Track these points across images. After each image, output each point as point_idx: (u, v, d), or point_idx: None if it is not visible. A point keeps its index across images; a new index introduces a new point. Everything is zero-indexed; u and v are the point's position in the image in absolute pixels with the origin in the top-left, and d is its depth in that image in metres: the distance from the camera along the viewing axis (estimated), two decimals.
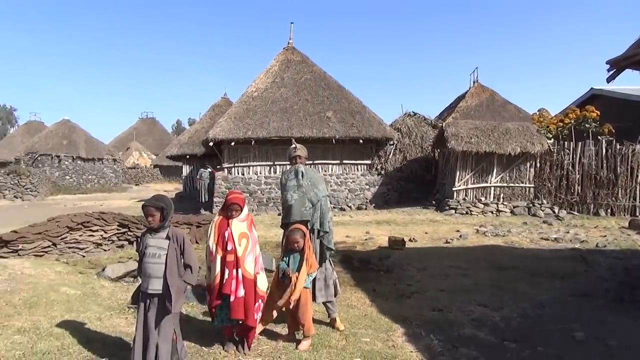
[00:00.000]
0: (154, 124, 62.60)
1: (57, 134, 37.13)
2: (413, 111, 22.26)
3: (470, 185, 16.25)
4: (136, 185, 42.28)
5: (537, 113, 20.51)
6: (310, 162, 16.72)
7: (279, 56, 21.44)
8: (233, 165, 18.80)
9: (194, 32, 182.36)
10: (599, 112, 16.02)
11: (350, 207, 18.35)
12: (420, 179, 19.78)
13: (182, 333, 3.69)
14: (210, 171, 19.51)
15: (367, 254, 9.00)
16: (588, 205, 15.29)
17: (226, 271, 3.92)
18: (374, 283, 6.83)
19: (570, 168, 15.55)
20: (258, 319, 4.08)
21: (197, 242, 9.62)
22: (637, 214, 14.60)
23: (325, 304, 4.70)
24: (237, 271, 3.94)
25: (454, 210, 15.73)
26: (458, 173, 16.26)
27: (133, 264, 6.89)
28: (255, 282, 4.05)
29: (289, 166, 4.91)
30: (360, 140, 18.45)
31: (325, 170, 18.71)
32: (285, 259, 4.29)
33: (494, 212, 15.49)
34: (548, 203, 15.47)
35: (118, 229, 9.09)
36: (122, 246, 9.17)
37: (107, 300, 5.58)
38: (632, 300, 5.70)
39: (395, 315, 5.23)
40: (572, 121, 16.44)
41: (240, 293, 3.92)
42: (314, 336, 4.34)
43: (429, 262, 8.25)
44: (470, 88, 28.24)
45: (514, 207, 15.55)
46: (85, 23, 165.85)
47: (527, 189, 15.99)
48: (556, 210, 15.05)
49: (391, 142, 19.68)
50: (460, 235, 11.23)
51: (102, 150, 38.72)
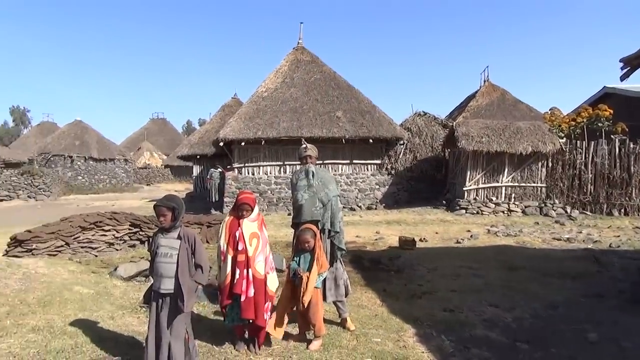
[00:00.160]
0: (165, 125, 63.00)
1: (70, 134, 37.57)
2: (423, 111, 22.20)
3: (481, 185, 16.15)
4: (147, 185, 42.60)
5: (549, 112, 20.33)
6: (320, 162, 16.72)
7: (289, 56, 21.48)
8: (243, 165, 18.87)
9: (205, 33, 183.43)
10: (612, 111, 15.83)
11: (360, 207, 18.33)
12: (430, 179, 19.71)
13: (194, 332, 3.71)
14: (220, 171, 19.60)
15: (378, 254, 8.98)
16: (601, 205, 15.13)
17: (237, 271, 3.94)
18: (385, 283, 6.81)
19: (582, 167, 15.40)
20: (268, 319, 4.09)
21: (208, 242, 9.66)
22: None
23: (335, 304, 4.70)
24: (248, 271, 3.95)
25: (464, 210, 15.64)
26: (469, 173, 16.17)
27: (145, 264, 6.95)
28: (266, 282, 4.06)
29: (299, 166, 4.92)
30: (370, 140, 18.43)
31: (335, 170, 18.71)
32: (295, 258, 4.29)
33: (505, 212, 15.39)
34: (560, 203, 15.33)
35: (130, 229, 9.15)
36: (134, 246, 9.23)
37: (120, 300, 5.62)
38: None
39: (406, 315, 5.22)
40: (585, 120, 16.26)
41: (251, 293, 3.94)
42: (325, 336, 4.34)
43: (440, 262, 8.21)
44: (480, 87, 28.07)
45: (525, 207, 15.43)
46: (98, 25, 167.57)
47: (539, 188, 15.85)
48: (568, 210, 14.91)
49: (401, 142, 19.63)
50: (471, 235, 11.17)
51: (114, 150, 39.08)
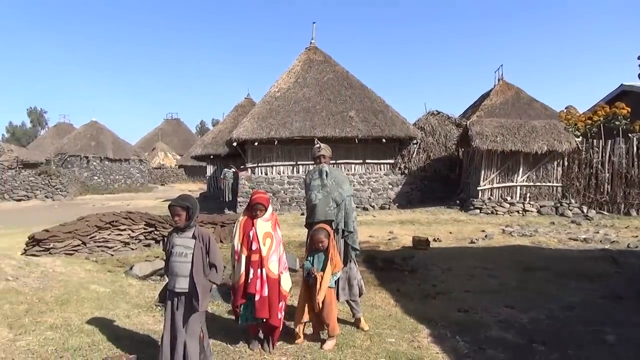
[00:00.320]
0: (179, 125, 63.52)
1: (86, 135, 38.09)
2: (437, 110, 22.11)
3: (495, 185, 16.01)
4: (162, 185, 42.99)
5: (565, 111, 20.05)
6: (333, 162, 16.70)
7: (302, 56, 21.51)
8: (256, 165, 18.94)
9: (217, 34, 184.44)
10: (629, 109, 15.56)
11: (373, 207, 18.29)
12: (444, 179, 19.60)
13: (208, 331, 3.74)
14: (234, 171, 19.70)
15: (391, 254, 8.95)
16: (618, 204, 14.90)
17: (251, 270, 3.96)
18: (398, 283, 6.78)
19: (599, 167, 15.17)
20: (282, 318, 4.10)
21: (222, 242, 9.72)
22: None
23: (349, 304, 4.70)
24: (262, 270, 3.97)
25: (478, 210, 15.52)
26: (483, 172, 16.03)
27: (160, 263, 7.01)
28: (279, 282, 4.08)
29: (312, 166, 4.92)
30: (383, 140, 18.37)
31: (348, 170, 18.69)
32: (309, 258, 4.30)
33: (520, 212, 15.22)
34: (576, 202, 15.13)
35: (145, 228, 9.25)
36: (149, 245, 9.32)
37: (135, 298, 5.69)
38: None
39: (420, 315, 5.19)
40: (601, 118, 16.00)
41: (265, 292, 3.96)
42: (339, 336, 4.34)
43: (454, 263, 8.15)
44: (495, 86, 27.82)
45: (540, 207, 15.25)
46: (113, 27, 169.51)
47: (555, 188, 15.66)
48: (585, 210, 14.70)
49: (414, 141, 19.54)
50: (485, 235, 11.07)
51: (129, 151, 39.53)
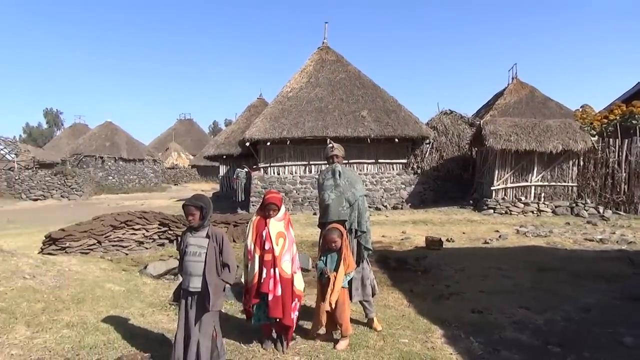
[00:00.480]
0: (192, 125, 63.91)
1: (100, 135, 38.56)
2: (449, 109, 22.00)
3: (509, 185, 15.87)
4: (175, 185, 43.31)
5: (580, 109, 19.82)
6: (346, 162, 16.70)
7: (314, 56, 21.52)
8: (269, 165, 19.00)
9: (230, 35, 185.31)
10: None
11: (385, 207, 18.24)
12: (457, 178, 19.49)
13: (221, 330, 3.75)
14: (246, 171, 19.78)
15: (404, 254, 8.91)
16: (635, 204, 14.66)
17: (264, 270, 3.97)
18: (411, 283, 6.75)
19: (616, 166, 14.95)
20: (295, 317, 4.11)
21: (235, 241, 9.76)
22: None
23: (362, 304, 4.69)
24: (275, 270, 3.97)
25: (492, 210, 15.39)
26: (497, 172, 15.90)
27: (174, 262, 7.07)
28: (292, 282, 4.08)
29: (325, 166, 4.92)
30: (396, 139, 18.31)
31: (360, 170, 18.66)
32: (322, 258, 4.30)
33: (535, 212, 15.07)
34: (592, 203, 14.93)
35: (159, 228, 9.32)
36: (163, 244, 9.39)
37: (150, 297, 5.74)
38: None
39: (433, 316, 5.16)
40: (618, 117, 15.75)
41: (278, 292, 3.96)
42: (352, 336, 4.33)
43: (467, 263, 8.10)
44: (508, 85, 27.56)
45: (555, 207, 15.07)
46: (127, 30, 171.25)
47: (570, 188, 15.47)
48: (601, 210, 14.49)
49: (427, 141, 19.46)
50: (499, 236, 10.98)
51: (143, 151, 39.90)
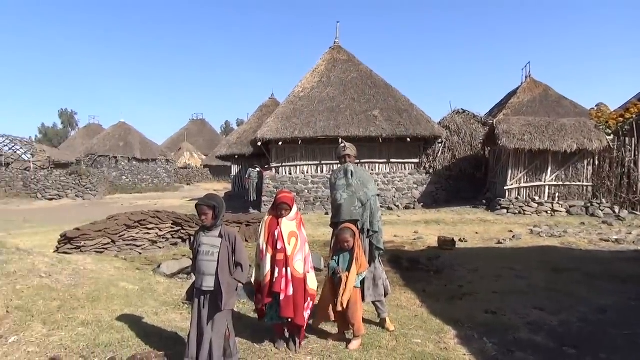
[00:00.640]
0: (204, 125, 64.26)
1: (114, 136, 38.97)
2: (462, 108, 21.84)
3: (523, 184, 15.72)
4: (187, 184, 43.57)
5: (595, 108, 19.54)
6: (358, 162, 16.64)
7: (325, 55, 21.51)
8: (281, 164, 19.03)
9: (242, 35, 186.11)
10: None
11: (397, 207, 18.17)
12: (470, 178, 19.35)
13: (234, 329, 3.77)
14: (258, 171, 19.83)
15: (416, 254, 8.88)
16: None
17: (276, 270, 3.97)
18: (424, 283, 6.72)
19: (632, 165, 14.74)
20: (307, 317, 4.11)
21: (247, 241, 9.79)
22: None
23: (375, 304, 4.68)
24: (287, 270, 3.98)
25: (505, 210, 15.25)
26: (510, 171, 15.76)
27: (187, 261, 7.12)
28: (305, 281, 4.08)
29: (336, 165, 4.91)
30: (408, 139, 18.23)
31: (372, 169, 18.61)
32: (335, 258, 4.29)
33: (549, 212, 14.91)
34: (608, 202, 14.73)
35: (172, 227, 9.39)
36: (176, 244, 9.46)
37: (163, 296, 5.78)
38: None
39: (446, 316, 5.14)
40: (634, 116, 15.51)
41: (290, 291, 3.96)
42: (364, 336, 4.32)
43: (481, 263, 8.04)
44: (522, 83, 27.31)
45: (570, 207, 14.89)
46: (140, 31, 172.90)
47: (585, 187, 15.28)
48: (617, 210, 14.28)
49: (439, 140, 19.35)
50: (513, 236, 10.88)
51: (156, 151, 40.23)
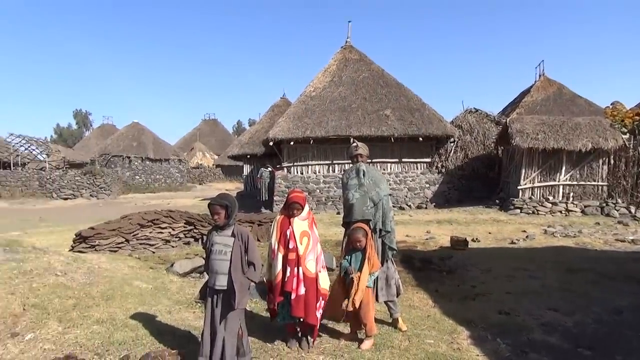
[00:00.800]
0: (216, 125, 64.57)
1: (128, 136, 39.38)
2: (474, 107, 21.73)
3: (536, 184, 15.56)
4: (200, 184, 43.85)
5: (610, 106, 19.27)
6: (369, 161, 16.59)
7: (337, 55, 21.49)
8: (292, 164, 19.06)
9: (254, 35, 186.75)
10: None
11: (409, 206, 18.10)
12: (482, 178, 19.21)
13: (247, 329, 3.78)
14: (270, 170, 19.89)
15: (429, 254, 8.83)
16: None
17: (287, 269, 3.98)
18: (436, 283, 6.69)
19: None
20: (320, 317, 4.11)
21: (259, 240, 9.82)
22: None
23: (387, 304, 4.67)
24: (298, 269, 3.98)
25: (519, 210, 15.13)
26: (523, 171, 15.61)
27: (199, 261, 7.16)
28: (317, 281, 4.08)
29: (348, 165, 4.91)
30: (420, 138, 18.15)
31: (384, 169, 18.56)
32: (347, 257, 4.29)
33: (563, 212, 14.75)
34: (623, 202, 14.53)
35: (185, 227, 9.45)
36: (189, 243, 9.52)
37: (176, 295, 5.83)
38: None
39: (459, 317, 5.11)
40: None
41: (301, 291, 3.96)
42: (376, 336, 4.31)
43: (494, 263, 7.98)
44: (535, 82, 27.04)
45: (585, 207, 14.73)
46: (152, 32, 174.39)
47: (600, 187, 15.09)
48: (633, 210, 14.09)
49: (452, 140, 19.23)
50: (526, 236, 10.78)
51: (169, 151, 40.55)
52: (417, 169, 19.10)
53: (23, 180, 28.45)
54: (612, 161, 14.97)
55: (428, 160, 19.12)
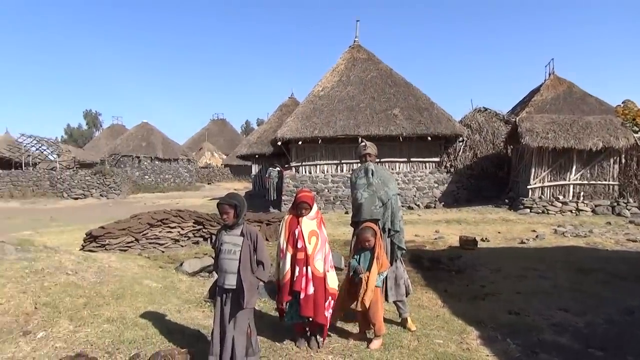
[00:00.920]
0: (224, 125, 64.76)
1: (137, 136, 39.64)
2: (484, 106, 21.63)
3: (546, 183, 15.45)
4: (208, 184, 44.00)
5: (622, 105, 19.06)
6: (378, 160, 16.56)
7: (345, 54, 21.47)
8: (300, 164, 19.07)
9: (262, 35, 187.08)
10: None
11: (418, 206, 18.05)
12: (491, 177, 19.10)
13: (256, 328, 3.79)
14: (278, 170, 19.91)
15: (437, 254, 8.80)
16: None
17: (296, 268, 3.98)
18: (446, 283, 6.67)
19: None
20: (329, 316, 4.10)
21: (267, 240, 9.83)
22: None
23: (396, 304, 4.66)
24: (307, 269, 3.98)
25: (528, 210, 15.02)
26: (533, 170, 15.50)
27: (208, 260, 7.19)
28: (325, 280, 4.07)
29: (356, 164, 4.90)
30: (428, 138, 18.08)
31: (392, 168, 18.50)
32: (355, 257, 4.28)
33: (573, 212, 14.63)
34: (635, 202, 14.38)
35: (194, 226, 9.50)
36: (198, 242, 9.56)
37: (186, 294, 5.85)
38: None
39: (468, 317, 5.08)
40: None
41: (310, 290, 3.96)
42: (385, 336, 4.31)
43: (503, 263, 7.93)
44: (545, 80, 26.85)
45: (595, 206, 14.60)
46: (160, 32, 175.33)
47: (611, 186, 14.94)
48: None
49: (460, 139, 19.15)
50: (536, 236, 10.70)
51: (177, 151, 40.75)
52: (426, 168, 19.04)
53: (34, 180, 28.74)
54: (624, 160, 14.83)
55: (437, 159, 19.04)
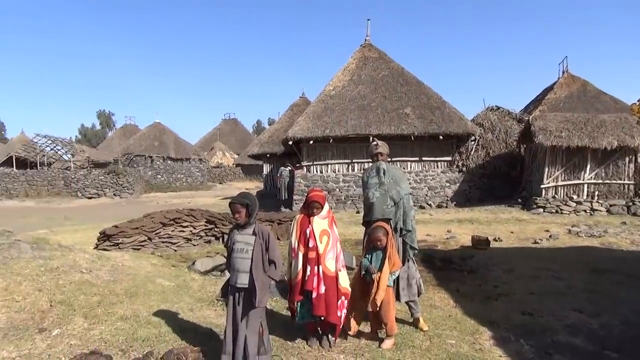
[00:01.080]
0: (236, 125, 65.04)
1: (150, 136, 39.97)
2: (496, 105, 21.43)
3: (560, 183, 15.27)
4: (220, 183, 44.23)
5: (637, 103, 18.79)
6: (389, 160, 16.52)
7: (356, 53, 21.42)
8: (312, 163, 19.08)
9: (273, 34, 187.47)
10: None
11: (430, 205, 17.95)
12: (504, 176, 18.93)
13: (267, 327, 3.80)
14: (290, 169, 19.93)
15: (449, 254, 8.75)
16: None
17: (308, 268, 3.99)
18: (458, 283, 6.62)
19: None
20: (342, 316, 4.09)
21: (279, 239, 9.86)
22: None
23: (408, 303, 4.64)
24: (318, 268, 3.98)
25: (542, 209, 14.86)
26: (547, 169, 15.33)
27: (220, 259, 7.23)
28: (337, 279, 4.07)
29: (368, 164, 4.89)
30: (440, 137, 17.96)
31: (404, 168, 18.42)
32: (367, 256, 4.28)
33: (588, 211, 14.45)
34: None
35: (206, 225, 9.56)
36: (210, 241, 9.62)
37: (198, 293, 5.89)
38: None
39: (481, 317, 5.05)
40: None
41: (322, 290, 3.97)
42: (397, 335, 4.29)
43: (516, 263, 7.86)
44: (559, 78, 26.53)
45: (610, 206, 14.40)
46: (173, 34, 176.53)
47: (626, 186, 14.73)
48: None
49: (473, 138, 19.00)
50: (550, 236, 10.59)
51: (189, 150, 41.02)
52: (438, 167, 18.93)
53: (49, 180, 29.14)
54: (639, 159, 14.60)
55: (449, 158, 18.93)
